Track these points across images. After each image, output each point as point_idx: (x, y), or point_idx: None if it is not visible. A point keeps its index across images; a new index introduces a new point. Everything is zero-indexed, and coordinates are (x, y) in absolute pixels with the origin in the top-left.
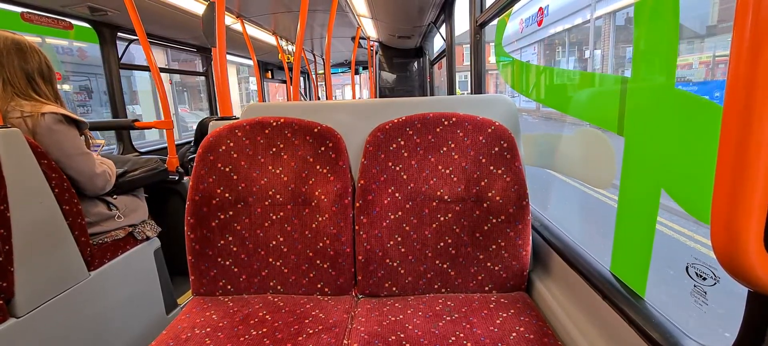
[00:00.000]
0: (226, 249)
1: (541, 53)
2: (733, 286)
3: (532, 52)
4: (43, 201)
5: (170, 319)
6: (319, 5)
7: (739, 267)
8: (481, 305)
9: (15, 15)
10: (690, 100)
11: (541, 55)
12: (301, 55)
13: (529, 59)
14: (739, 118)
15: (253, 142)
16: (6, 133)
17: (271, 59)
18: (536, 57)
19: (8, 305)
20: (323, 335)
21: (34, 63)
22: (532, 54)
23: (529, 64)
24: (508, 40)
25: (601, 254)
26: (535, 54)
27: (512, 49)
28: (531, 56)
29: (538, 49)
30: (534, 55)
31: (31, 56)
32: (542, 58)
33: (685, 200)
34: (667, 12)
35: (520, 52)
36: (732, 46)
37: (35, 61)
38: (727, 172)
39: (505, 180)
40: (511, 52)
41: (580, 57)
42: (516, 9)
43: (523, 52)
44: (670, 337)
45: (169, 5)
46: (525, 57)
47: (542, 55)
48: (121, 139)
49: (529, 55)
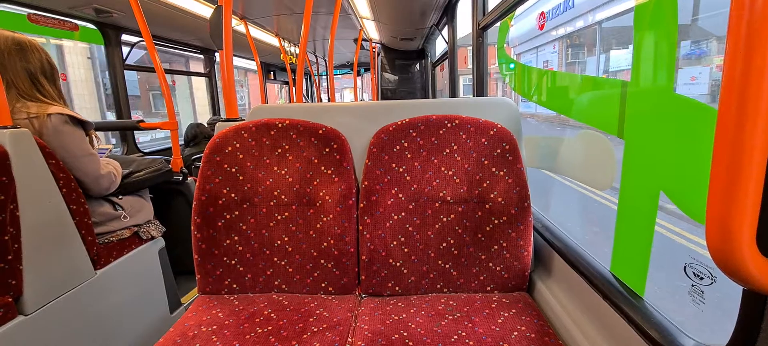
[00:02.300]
0: (232, 249)
1: (563, 53)
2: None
3: (552, 50)
4: (52, 201)
5: (174, 318)
6: (322, 7)
7: (734, 266)
8: (483, 305)
9: (22, 16)
10: (688, 104)
11: (564, 55)
12: (304, 57)
13: (549, 60)
14: (734, 119)
15: (258, 144)
16: (15, 133)
17: (273, 60)
18: (557, 56)
19: (17, 303)
20: (327, 334)
21: (35, 62)
22: (551, 53)
23: (530, 68)
24: (521, 40)
25: (590, 243)
26: (555, 53)
27: (526, 49)
28: (550, 56)
29: (560, 47)
30: (554, 54)
31: (33, 55)
32: (565, 60)
33: (683, 202)
34: (667, 16)
35: (537, 52)
36: (727, 48)
37: (37, 60)
38: (721, 172)
39: (507, 182)
40: (526, 52)
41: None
42: (525, 8)
43: (541, 52)
44: (669, 336)
45: (173, 7)
46: (542, 57)
47: (565, 54)
48: (125, 139)
49: (548, 53)
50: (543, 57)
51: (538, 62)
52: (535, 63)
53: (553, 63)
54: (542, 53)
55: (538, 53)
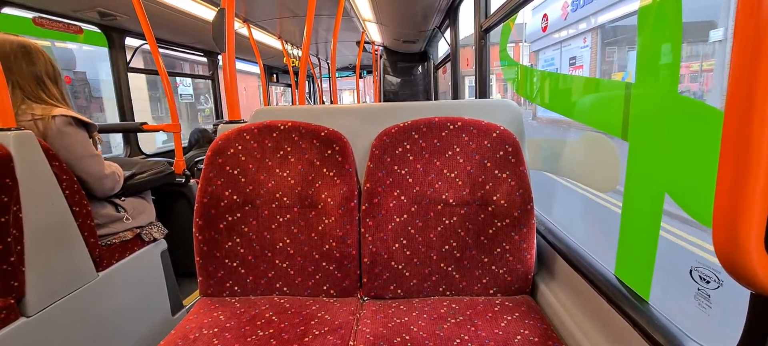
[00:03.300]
0: (234, 251)
1: (598, 49)
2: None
3: (581, 45)
4: (55, 203)
5: (176, 320)
6: (324, 10)
7: (741, 269)
8: (486, 308)
9: (27, 20)
10: (692, 106)
11: (600, 51)
12: (307, 60)
13: (577, 58)
14: (741, 120)
15: (260, 146)
16: (19, 135)
17: (275, 63)
18: (590, 53)
19: (19, 305)
20: (329, 337)
21: (40, 65)
22: (580, 49)
23: (532, 69)
24: (540, 34)
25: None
26: (586, 48)
27: (545, 45)
28: (579, 52)
29: (592, 41)
30: (585, 49)
31: (38, 58)
32: (601, 58)
33: (689, 205)
34: (671, 18)
35: (560, 48)
36: (733, 48)
37: (41, 63)
38: (728, 174)
39: (510, 184)
40: (545, 48)
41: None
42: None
43: (566, 47)
44: (675, 340)
45: (176, 10)
46: (568, 54)
47: (601, 51)
48: (128, 142)
49: (575, 49)
50: (569, 54)
51: (563, 62)
52: (559, 62)
53: (584, 61)
54: (568, 49)
55: (561, 50)
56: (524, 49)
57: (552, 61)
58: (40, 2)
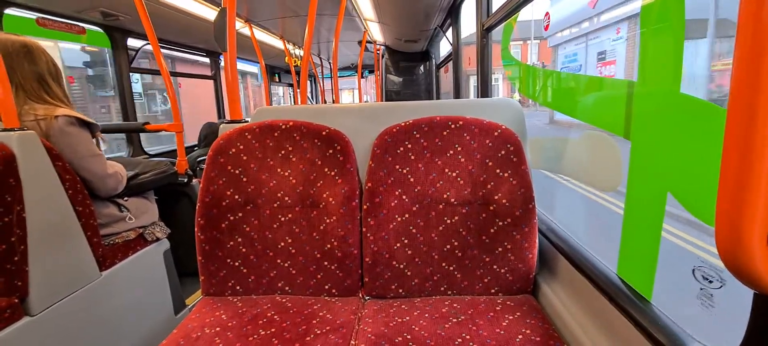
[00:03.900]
0: (236, 250)
1: (636, 39)
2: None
3: (614, 37)
4: (58, 202)
5: (179, 319)
6: (326, 9)
7: (744, 268)
8: (487, 308)
9: (30, 20)
10: (695, 104)
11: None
12: (309, 59)
13: (607, 53)
14: (743, 118)
15: (262, 145)
16: (22, 135)
17: (277, 63)
18: (625, 47)
19: (22, 304)
20: (331, 336)
21: (42, 64)
22: (613, 41)
23: (535, 68)
24: (560, 26)
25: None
26: (620, 40)
27: (567, 38)
28: (612, 46)
29: (627, 31)
30: (618, 42)
31: (39, 57)
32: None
33: (692, 204)
34: (674, 16)
35: (587, 41)
36: (736, 47)
37: (43, 62)
38: (731, 173)
39: (512, 183)
40: (567, 42)
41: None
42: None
43: (592, 41)
44: (678, 340)
45: (178, 10)
46: (596, 48)
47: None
48: (131, 142)
49: (606, 42)
50: (598, 48)
51: (588, 58)
52: (584, 58)
53: (618, 56)
54: (596, 42)
55: (587, 43)
56: (532, 47)
57: (575, 58)
58: (43, 3)
